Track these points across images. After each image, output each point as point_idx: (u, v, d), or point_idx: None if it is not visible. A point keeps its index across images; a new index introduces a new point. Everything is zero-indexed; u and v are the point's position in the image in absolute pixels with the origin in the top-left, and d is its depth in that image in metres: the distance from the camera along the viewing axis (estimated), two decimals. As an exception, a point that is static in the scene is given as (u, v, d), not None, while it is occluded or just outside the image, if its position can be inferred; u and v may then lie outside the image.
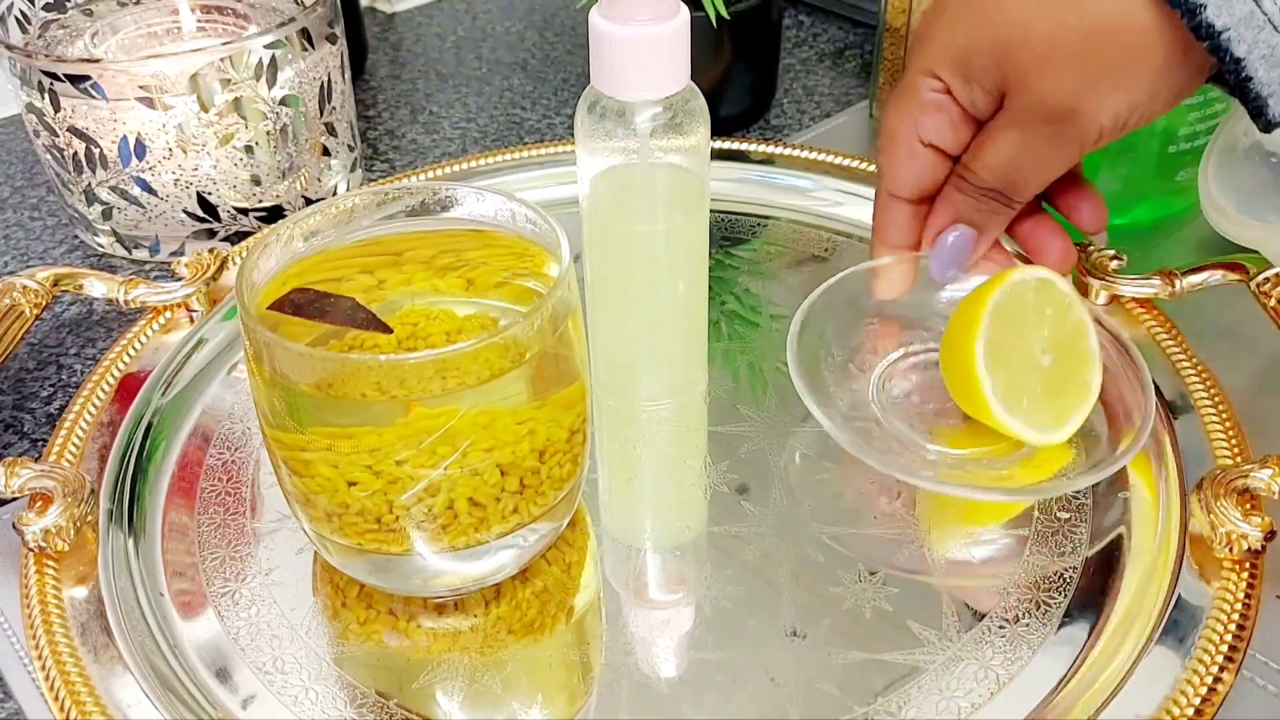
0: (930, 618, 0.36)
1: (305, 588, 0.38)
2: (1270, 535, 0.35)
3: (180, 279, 0.49)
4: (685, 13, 0.37)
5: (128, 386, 0.45)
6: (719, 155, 0.59)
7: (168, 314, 0.49)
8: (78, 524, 0.38)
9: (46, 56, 0.52)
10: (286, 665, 0.35)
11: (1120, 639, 0.35)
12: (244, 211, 0.56)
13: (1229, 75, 0.33)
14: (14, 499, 0.39)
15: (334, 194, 0.60)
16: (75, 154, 0.53)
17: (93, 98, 0.51)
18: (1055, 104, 0.36)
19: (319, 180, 0.58)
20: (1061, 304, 0.40)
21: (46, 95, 0.52)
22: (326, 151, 0.58)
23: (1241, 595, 0.35)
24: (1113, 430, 0.41)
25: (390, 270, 0.38)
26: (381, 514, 0.33)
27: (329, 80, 0.56)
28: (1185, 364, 0.44)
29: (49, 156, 0.55)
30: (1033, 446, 0.40)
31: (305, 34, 0.54)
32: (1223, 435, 0.41)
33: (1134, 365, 0.41)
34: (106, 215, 0.55)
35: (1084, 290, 0.48)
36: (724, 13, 0.58)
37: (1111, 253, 0.48)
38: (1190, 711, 0.32)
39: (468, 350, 0.31)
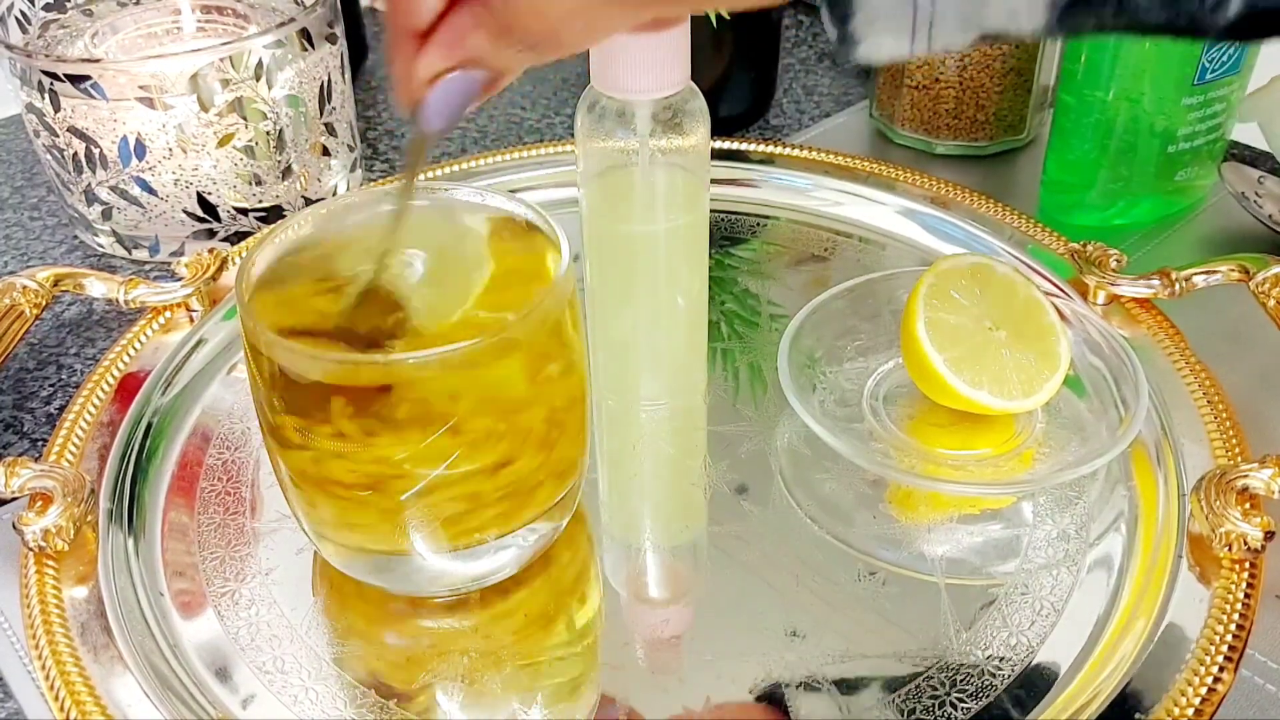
0: (930, 617, 0.36)
1: (305, 588, 0.38)
2: (1269, 535, 0.35)
3: (180, 279, 0.49)
4: (685, 13, 0.37)
5: (128, 386, 0.45)
6: (719, 155, 0.58)
7: (167, 314, 0.49)
8: (77, 524, 0.38)
9: (46, 56, 0.52)
10: (286, 665, 0.35)
11: (1120, 638, 0.35)
12: (244, 211, 0.56)
13: None
14: (14, 499, 0.39)
15: (334, 194, 0.60)
16: (75, 154, 0.53)
17: (93, 98, 0.51)
18: None
19: (319, 180, 0.58)
20: (1003, 283, 0.43)
21: (46, 95, 0.51)
22: (326, 151, 0.58)
23: (1241, 595, 0.35)
24: (1107, 422, 0.42)
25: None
26: (382, 514, 0.33)
27: (329, 80, 0.56)
28: (1184, 364, 0.44)
29: (49, 156, 0.55)
30: (1022, 439, 0.42)
31: (305, 34, 0.54)
32: (1221, 435, 0.41)
33: (1124, 353, 0.42)
34: (106, 215, 0.55)
35: (1083, 290, 0.48)
36: (724, 13, 0.58)
37: (1112, 253, 0.48)
38: (1190, 711, 0.32)
39: (468, 350, 0.31)
